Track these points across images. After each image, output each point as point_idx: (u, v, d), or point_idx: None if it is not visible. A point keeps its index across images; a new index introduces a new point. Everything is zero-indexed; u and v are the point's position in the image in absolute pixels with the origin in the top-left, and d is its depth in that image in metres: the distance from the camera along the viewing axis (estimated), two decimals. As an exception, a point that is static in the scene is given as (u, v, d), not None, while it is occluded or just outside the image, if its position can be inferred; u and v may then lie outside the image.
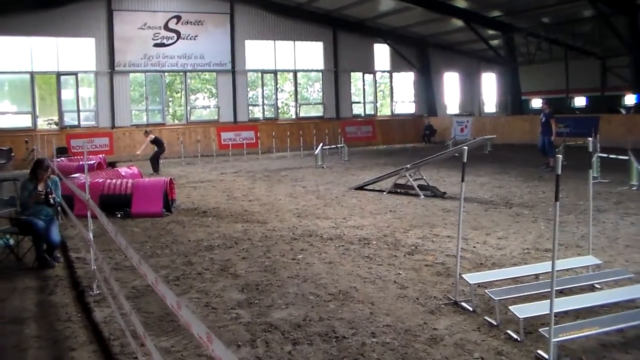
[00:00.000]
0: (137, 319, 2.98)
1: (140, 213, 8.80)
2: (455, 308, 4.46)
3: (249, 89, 26.15)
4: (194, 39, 23.97)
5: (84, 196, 5.13)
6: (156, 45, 23.20)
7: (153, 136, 16.85)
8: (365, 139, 26.68)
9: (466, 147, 4.96)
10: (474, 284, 4.56)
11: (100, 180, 9.32)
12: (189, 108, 24.93)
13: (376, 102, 29.45)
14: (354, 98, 29.09)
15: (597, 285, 4.82)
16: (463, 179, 4.56)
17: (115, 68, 22.54)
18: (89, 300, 4.77)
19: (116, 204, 8.90)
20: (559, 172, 3.44)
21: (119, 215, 8.80)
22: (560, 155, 3.54)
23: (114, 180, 9.35)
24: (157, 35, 23.18)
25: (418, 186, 10.48)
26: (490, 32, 26.29)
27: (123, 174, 10.76)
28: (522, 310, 3.90)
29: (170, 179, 9.89)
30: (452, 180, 12.35)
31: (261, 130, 24.24)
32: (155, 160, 16.30)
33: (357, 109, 28.89)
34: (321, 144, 17.16)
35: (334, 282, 5.25)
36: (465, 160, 4.66)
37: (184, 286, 5.25)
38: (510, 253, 6.15)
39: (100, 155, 13.80)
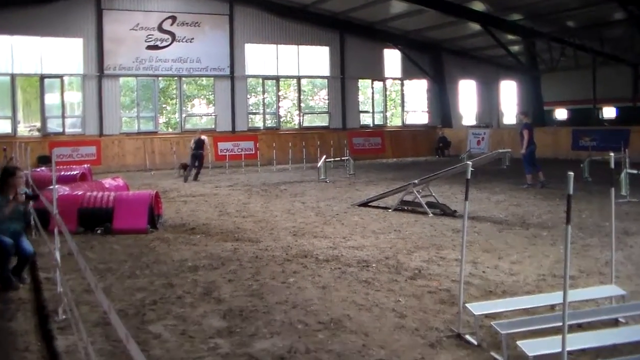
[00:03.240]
0: (92, 350, 2.86)
1: (123, 229, 8.73)
2: (458, 341, 4.33)
3: (248, 96, 26.24)
4: (190, 42, 24.09)
5: (52, 209, 5.06)
6: (149, 47, 23.33)
7: (197, 138, 17.85)
8: (374, 152, 26.63)
9: (470, 163, 4.83)
10: (480, 314, 4.42)
11: (80, 193, 9.26)
12: (183, 116, 25.02)
13: (386, 112, 29.48)
14: (362, 107, 29.11)
15: (621, 320, 4.64)
16: (467, 197, 4.44)
17: (105, 71, 22.64)
18: (52, 327, 4.66)
19: (97, 218, 8.83)
20: (571, 191, 3.32)
21: (99, 232, 8.73)
22: (571, 173, 3.41)
23: (94, 193, 9.29)
24: (150, 36, 23.31)
25: (427, 203, 10.40)
26: (510, 37, 26.27)
27: (107, 185, 10.70)
28: (533, 347, 3.74)
29: (157, 192, 9.82)
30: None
31: (261, 141, 24.26)
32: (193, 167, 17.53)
33: (365, 119, 28.90)
34: (324, 157, 17.10)
35: (326, 309, 5.13)
36: (468, 176, 4.55)
37: (160, 311, 5.15)
38: (524, 280, 6.01)
39: (85, 165, 13.74)
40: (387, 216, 10.15)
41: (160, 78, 24.53)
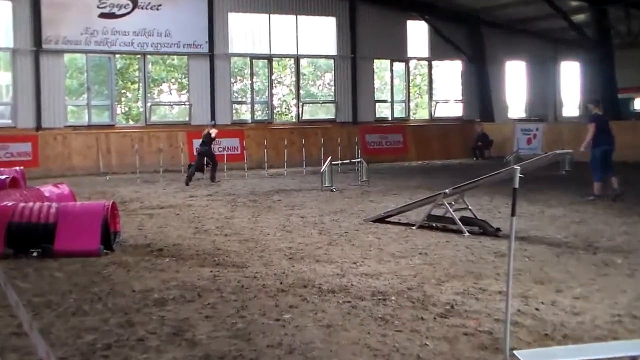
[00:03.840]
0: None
1: (68, 251, 8.71)
2: (504, 398, 4.31)
3: (233, 81, 26.41)
4: (157, 9, 24.21)
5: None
6: (103, 15, 23.42)
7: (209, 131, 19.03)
8: (393, 152, 26.75)
9: (518, 167, 4.83)
10: (532, 364, 4.40)
11: (10, 204, 9.24)
12: (148, 105, 25.16)
13: (409, 102, 29.63)
14: (378, 95, 29.24)
15: None
16: (513, 212, 4.44)
17: (43, 45, 22.63)
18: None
19: (32, 237, 8.79)
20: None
21: (35, 254, 8.70)
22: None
23: (29, 204, 9.27)
24: (104, 2, 23.40)
25: (461, 219, 10.39)
26: (573, 2, 26.20)
27: (47, 194, 10.71)
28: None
29: (113, 203, 9.83)
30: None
31: (249, 138, 24.42)
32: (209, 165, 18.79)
33: (383, 111, 29.05)
34: (329, 159, 17.14)
35: (331, 354, 5.13)
36: (516, 185, 4.55)
37: (116, 358, 5.13)
38: (592, 321, 5.97)
39: (17, 168, 13.69)
40: (410, 235, 10.14)
41: (117, 55, 24.69)
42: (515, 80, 31.66)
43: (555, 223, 11.06)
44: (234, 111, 26.34)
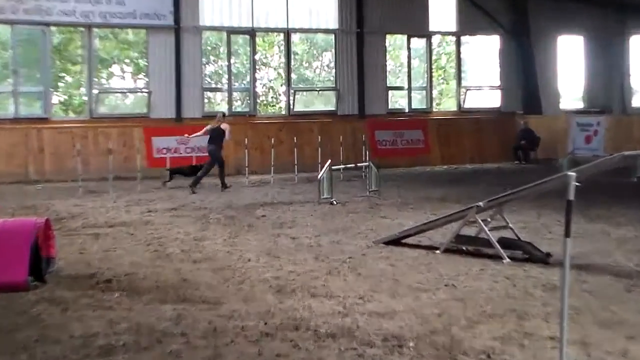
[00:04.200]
0: None
1: (-15, 283, 8.67)
2: None
3: (204, 61, 26.40)
4: (106, -31, 24.30)
5: None
6: (36, -24, 23.48)
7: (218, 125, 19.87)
8: (411, 154, 26.85)
9: (573, 174, 4.81)
10: None
11: None
12: (95, 92, 25.15)
13: (431, 89, 29.70)
14: (392, 80, 29.31)
15: None
16: (568, 232, 4.40)
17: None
18: None
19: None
20: None
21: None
22: None
23: None
24: (38, -40, 23.47)
25: (499, 241, 10.40)
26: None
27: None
28: None
29: (46, 220, 9.78)
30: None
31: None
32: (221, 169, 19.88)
33: (398, 101, 29.10)
34: (328, 162, 17.13)
35: (331, 420, 5.07)
36: (571, 196, 4.51)
37: None
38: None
39: None
40: (433, 261, 10.14)
41: (54, 28, 24.67)
42: (569, 61, 31.72)
43: (623, 247, 11.03)
44: (206, 101, 26.35)
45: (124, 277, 9.43)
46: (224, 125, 19.77)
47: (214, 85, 27.36)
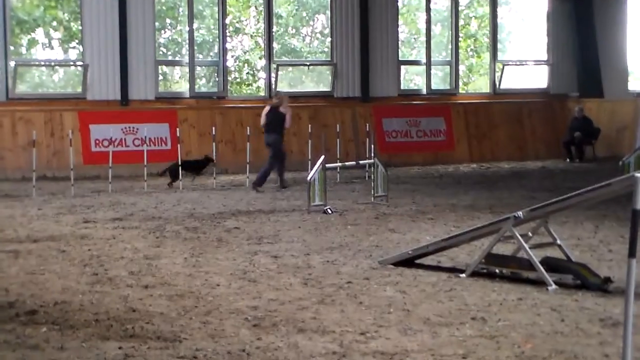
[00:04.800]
0: None
1: None
2: None
3: (158, 26, 26.32)
4: None
5: None
6: None
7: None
8: (429, 148, 26.93)
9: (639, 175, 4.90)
10: None
11: None
12: (11, 65, 25.10)
13: (457, 64, 29.67)
14: (405, 53, 29.30)
15: None
16: (633, 251, 4.49)
17: None
18: None
19: None
20: None
21: None
22: None
23: None
24: None
25: (544, 262, 10.42)
26: None
27: None
28: None
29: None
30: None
31: (186, 123, 24.63)
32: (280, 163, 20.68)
33: (413, 79, 29.11)
34: (322, 159, 17.14)
35: None
36: (638, 206, 4.60)
37: None
38: None
39: None
40: (456, 288, 10.16)
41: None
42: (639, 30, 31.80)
43: None
44: (161, 78, 26.32)
45: (54, 307, 9.36)
46: (283, 108, 20.13)
47: (170, 58, 27.34)
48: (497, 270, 10.74)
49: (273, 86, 27.12)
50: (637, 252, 5.48)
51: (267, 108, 20.62)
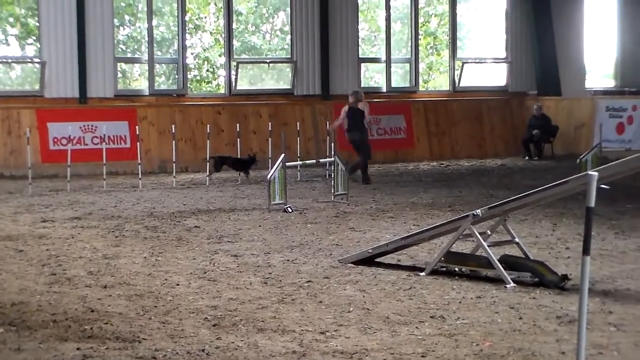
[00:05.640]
0: None
1: None
2: None
3: (117, 23, 26.23)
4: None
5: None
6: None
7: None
8: (389, 146, 26.99)
9: (595, 174, 4.96)
10: None
11: None
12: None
13: (417, 62, 29.71)
14: (366, 50, 29.35)
15: None
16: (587, 248, 4.56)
17: None
18: None
19: None
20: None
21: None
22: None
23: None
24: None
25: (503, 260, 10.49)
26: None
27: None
28: None
29: None
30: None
31: (146, 121, 24.50)
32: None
33: (373, 76, 29.13)
34: (282, 157, 17.14)
35: None
36: (592, 203, 4.66)
37: None
38: None
39: None
40: (416, 286, 10.20)
41: None
42: (598, 26, 31.94)
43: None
44: (120, 75, 26.21)
45: (11, 308, 9.31)
46: (361, 105, 20.54)
47: (129, 55, 27.21)
48: (456, 269, 10.82)
49: (233, 84, 27.08)
50: (589, 250, 5.55)
51: (345, 108, 21.10)
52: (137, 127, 23.23)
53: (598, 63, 32.52)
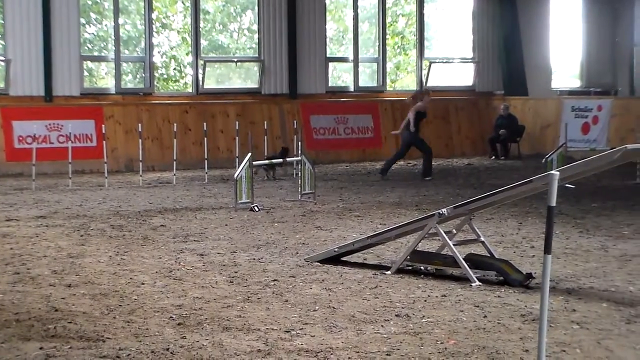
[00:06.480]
0: None
1: None
2: None
3: (84, 21, 26.11)
4: None
5: None
6: None
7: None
8: (357, 145, 27.01)
9: (557, 173, 5.00)
10: None
11: None
12: None
13: (385, 62, 29.74)
14: (334, 50, 29.33)
15: None
16: (548, 247, 4.59)
17: None
18: None
19: None
20: None
21: None
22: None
23: None
24: None
25: (468, 259, 10.54)
26: None
27: None
28: None
29: None
30: (552, 244, 12.44)
31: (112, 120, 24.48)
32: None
33: (341, 76, 29.13)
34: (249, 156, 17.14)
35: None
36: (553, 202, 4.70)
37: None
38: None
39: None
40: (382, 285, 10.21)
41: None
42: (564, 27, 32.07)
43: (625, 266, 11.20)
44: (86, 74, 26.10)
45: (-28, 306, 9.31)
46: (420, 104, 21.79)
47: (96, 54, 27.09)
48: (422, 267, 10.85)
49: (200, 83, 27.02)
50: (550, 249, 5.57)
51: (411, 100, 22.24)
52: (103, 125, 23.15)
53: (564, 63, 32.68)
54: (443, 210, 10.77)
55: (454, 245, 10.62)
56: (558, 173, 5.32)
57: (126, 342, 7.98)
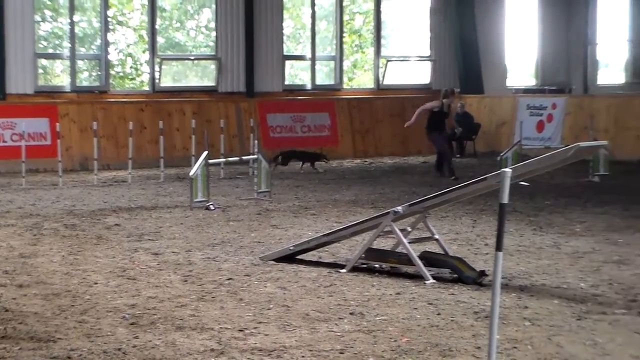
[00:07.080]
0: None
1: None
2: None
3: (39, 18, 25.94)
4: None
5: None
6: None
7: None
8: (313, 144, 26.88)
9: (509, 170, 5.04)
10: None
11: None
12: None
13: (342, 60, 29.76)
14: (291, 48, 29.29)
15: None
16: (500, 244, 4.62)
17: None
18: None
19: None
20: None
21: None
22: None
23: None
24: None
25: (422, 256, 10.58)
26: None
27: None
28: None
29: None
30: (505, 241, 12.50)
31: (67, 118, 24.34)
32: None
33: (298, 74, 29.13)
34: (205, 154, 17.13)
35: None
36: (505, 199, 4.72)
37: None
38: None
39: None
40: (336, 283, 10.24)
41: None
42: (519, 26, 32.25)
43: (577, 263, 11.31)
44: (41, 71, 25.93)
45: None
46: (446, 100, 22.62)
47: (50, 51, 26.90)
48: (377, 265, 10.92)
49: (157, 80, 26.92)
50: (502, 246, 5.61)
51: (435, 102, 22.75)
52: (57, 123, 23.03)
53: (519, 62, 32.86)
54: (398, 208, 10.82)
55: (408, 243, 10.65)
56: (510, 171, 5.35)
57: (78, 343, 7.94)
